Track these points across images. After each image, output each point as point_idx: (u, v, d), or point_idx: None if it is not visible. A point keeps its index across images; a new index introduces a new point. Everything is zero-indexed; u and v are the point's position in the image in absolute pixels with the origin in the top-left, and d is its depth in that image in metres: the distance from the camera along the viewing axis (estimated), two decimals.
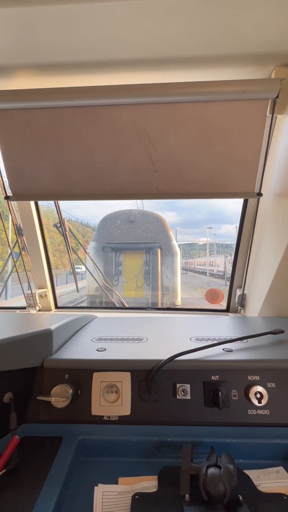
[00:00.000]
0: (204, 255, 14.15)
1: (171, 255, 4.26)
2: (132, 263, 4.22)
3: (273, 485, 0.59)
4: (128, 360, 0.75)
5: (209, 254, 13.37)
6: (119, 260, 4.22)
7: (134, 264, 4.22)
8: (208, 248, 12.43)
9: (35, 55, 0.96)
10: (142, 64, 1.01)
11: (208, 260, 12.55)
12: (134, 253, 4.27)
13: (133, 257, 4.26)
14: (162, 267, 4.21)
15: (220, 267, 11.36)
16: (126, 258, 4.23)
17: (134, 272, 4.19)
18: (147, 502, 0.53)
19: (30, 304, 1.68)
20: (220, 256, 11.58)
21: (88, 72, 1.06)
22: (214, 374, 0.73)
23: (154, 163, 1.18)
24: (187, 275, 14.15)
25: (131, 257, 4.25)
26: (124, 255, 4.23)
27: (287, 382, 0.72)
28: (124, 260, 4.22)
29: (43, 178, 1.23)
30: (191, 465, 0.54)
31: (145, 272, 4.19)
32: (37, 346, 0.75)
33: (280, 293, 1.21)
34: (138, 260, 4.26)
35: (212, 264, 12.33)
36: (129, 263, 4.22)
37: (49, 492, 0.53)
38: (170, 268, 4.25)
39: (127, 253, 4.24)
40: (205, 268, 13.31)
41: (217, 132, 1.09)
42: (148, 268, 4.21)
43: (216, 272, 11.37)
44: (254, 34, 0.87)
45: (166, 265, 4.25)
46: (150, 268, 4.20)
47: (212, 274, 11.45)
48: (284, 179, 1.09)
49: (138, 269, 4.20)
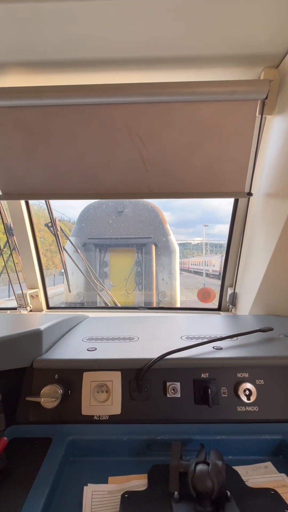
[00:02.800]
0: (198, 254, 14.20)
1: (168, 253, 3.48)
2: (121, 263, 3.41)
3: (261, 480, 0.60)
4: (118, 359, 0.74)
5: (204, 254, 13.45)
6: (104, 260, 3.39)
7: (123, 264, 3.42)
8: (204, 247, 12.45)
9: (26, 52, 0.95)
10: (133, 64, 1.01)
11: (204, 259, 12.56)
12: (123, 250, 3.43)
13: (122, 255, 3.43)
14: (158, 267, 3.45)
15: (215, 266, 11.33)
16: (114, 257, 3.41)
17: (123, 274, 3.39)
18: (136, 500, 0.53)
19: (21, 305, 1.66)
20: (215, 255, 11.58)
21: (78, 71, 1.05)
22: (204, 372, 0.73)
23: (145, 163, 1.18)
24: (181, 275, 14.00)
25: (119, 255, 3.42)
26: (111, 254, 3.41)
27: (276, 378, 0.73)
28: (111, 259, 3.40)
29: (34, 177, 1.22)
30: (180, 463, 0.54)
31: (136, 274, 3.40)
32: (26, 347, 0.74)
33: (270, 291, 1.23)
34: (128, 259, 3.43)
35: (207, 263, 12.35)
36: (117, 263, 3.40)
37: (37, 494, 0.52)
38: (167, 269, 3.47)
39: (114, 250, 3.42)
40: (199, 268, 13.32)
41: (208, 132, 1.10)
42: (140, 269, 3.40)
43: (212, 272, 11.38)
44: (243, 35, 0.88)
45: (163, 265, 3.47)
46: (143, 269, 3.40)
47: (208, 274, 11.46)
48: (273, 179, 1.11)
49: (128, 270, 3.39)
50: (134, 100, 1.06)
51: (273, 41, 0.90)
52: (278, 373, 0.73)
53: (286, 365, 0.74)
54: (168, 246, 3.48)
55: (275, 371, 0.73)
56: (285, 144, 1.02)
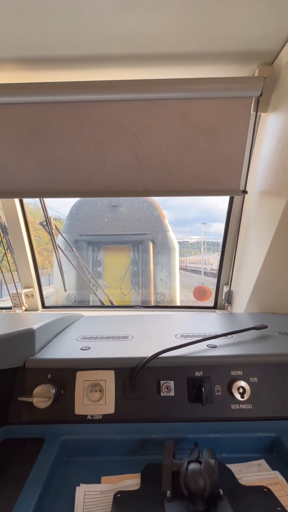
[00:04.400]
0: (195, 253, 14.19)
1: (167, 251, 3.19)
2: (116, 261, 3.16)
3: (254, 478, 0.60)
4: (112, 358, 0.74)
5: (200, 252, 13.46)
6: (98, 259, 3.12)
7: (118, 263, 3.17)
8: (202, 245, 12.41)
9: (18, 48, 0.94)
10: (127, 60, 1.01)
11: (202, 258, 12.54)
12: (118, 248, 3.17)
13: (117, 253, 3.18)
14: (156, 267, 3.17)
15: (213, 265, 11.28)
16: (108, 256, 3.14)
17: (119, 273, 3.14)
18: (128, 500, 0.52)
19: (16, 304, 1.65)
20: (213, 254, 11.56)
21: (71, 67, 1.04)
22: (198, 370, 0.73)
23: (140, 160, 1.17)
24: (179, 273, 13.97)
25: (114, 253, 3.16)
26: (104, 252, 3.13)
27: (269, 376, 0.73)
28: (105, 258, 3.14)
29: (27, 175, 1.21)
30: (173, 462, 0.54)
31: (132, 274, 3.13)
32: (18, 346, 0.73)
33: (265, 289, 1.23)
34: (124, 258, 3.17)
35: (205, 262, 12.34)
36: (112, 261, 3.15)
37: (29, 494, 0.52)
38: (166, 268, 3.19)
39: (108, 248, 3.14)
40: (197, 266, 13.32)
41: (203, 129, 1.10)
42: (136, 268, 3.11)
43: (210, 270, 11.36)
44: (237, 32, 0.87)
45: (161, 264, 3.19)
46: (140, 268, 3.13)
47: (206, 272, 11.45)
48: (267, 177, 1.11)
49: (124, 269, 3.14)
50: (128, 97, 1.05)
51: (267, 37, 0.89)
52: (271, 371, 0.73)
53: (279, 363, 0.74)
54: (167, 243, 3.19)
55: (269, 369, 0.73)
56: (279, 142, 1.02)
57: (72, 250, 2.22)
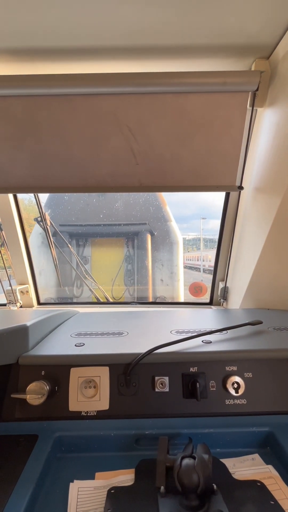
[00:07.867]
0: (192, 250, 14.20)
1: (170, 245, 2.57)
2: (106, 258, 2.57)
3: (248, 472, 0.60)
4: (106, 354, 0.73)
5: (197, 248, 13.47)
6: (84, 254, 2.51)
7: (109, 259, 2.58)
8: (202, 242, 12.41)
9: (10, 39, 0.91)
10: (122, 52, 0.98)
11: (201, 254, 12.56)
12: (109, 241, 2.57)
13: (107, 248, 2.58)
14: (155, 264, 2.56)
15: (211, 262, 11.28)
16: (96, 251, 2.54)
17: (109, 273, 2.55)
18: (122, 496, 0.52)
19: (10, 301, 1.64)
20: (211, 250, 11.59)
21: (66, 59, 1.02)
22: (192, 366, 0.73)
23: (135, 156, 1.16)
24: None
25: (103, 248, 2.56)
26: (92, 246, 2.53)
27: (264, 371, 0.73)
28: (93, 253, 2.53)
29: (21, 170, 1.19)
30: (167, 457, 0.54)
31: (126, 273, 2.55)
32: (11, 343, 0.73)
33: (260, 285, 1.24)
34: (116, 253, 2.58)
35: (204, 259, 12.38)
36: (101, 258, 2.55)
37: (22, 491, 0.51)
38: (167, 267, 2.57)
39: (97, 242, 2.54)
40: (194, 263, 13.35)
41: (199, 124, 1.09)
42: (131, 266, 2.55)
43: (208, 267, 11.38)
44: (234, 25, 0.86)
45: (161, 260, 2.57)
46: (135, 265, 2.54)
47: (204, 269, 11.49)
48: (263, 172, 1.10)
49: (116, 267, 2.56)
50: (123, 90, 1.03)
51: (264, 31, 0.88)
52: (266, 366, 0.73)
53: (274, 358, 0.74)
54: (168, 235, 2.56)
55: (263, 364, 0.74)
56: (275, 138, 1.02)
57: (68, 246, 2.02)
